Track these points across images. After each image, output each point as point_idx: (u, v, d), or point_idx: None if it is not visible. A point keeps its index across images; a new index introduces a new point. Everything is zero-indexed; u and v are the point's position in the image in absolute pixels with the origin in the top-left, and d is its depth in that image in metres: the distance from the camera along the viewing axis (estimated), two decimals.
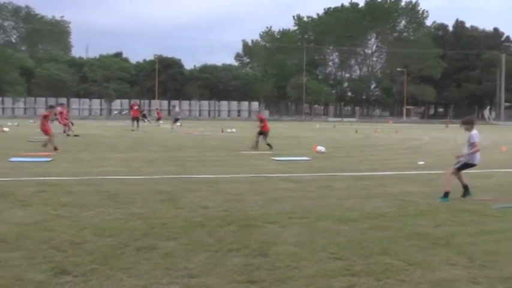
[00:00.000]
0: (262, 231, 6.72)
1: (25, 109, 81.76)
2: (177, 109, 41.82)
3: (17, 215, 7.50)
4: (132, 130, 33.86)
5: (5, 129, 30.69)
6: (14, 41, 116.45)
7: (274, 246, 5.98)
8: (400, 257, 5.69)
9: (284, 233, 6.64)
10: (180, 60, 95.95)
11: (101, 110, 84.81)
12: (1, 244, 5.91)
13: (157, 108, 60.84)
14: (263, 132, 20.15)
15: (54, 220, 7.17)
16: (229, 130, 35.63)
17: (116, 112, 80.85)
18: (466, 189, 9.60)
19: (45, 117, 19.41)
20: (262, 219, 7.43)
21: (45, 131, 18.79)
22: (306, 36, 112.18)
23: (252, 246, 5.95)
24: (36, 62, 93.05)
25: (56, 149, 17.79)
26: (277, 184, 11.08)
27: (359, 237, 6.49)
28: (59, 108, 27.86)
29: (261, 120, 20.16)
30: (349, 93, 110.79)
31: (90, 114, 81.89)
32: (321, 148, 19.15)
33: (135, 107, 37.75)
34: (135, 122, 35.94)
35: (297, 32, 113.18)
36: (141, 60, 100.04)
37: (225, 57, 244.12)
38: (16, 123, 41.70)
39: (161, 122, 45.29)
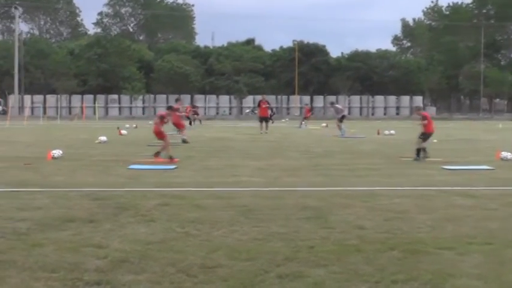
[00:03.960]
0: (434, 259, 6.56)
1: (143, 108, 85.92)
2: (338, 105, 39.98)
3: (139, 231, 7.90)
4: (261, 133, 33.95)
5: (123, 131, 32.52)
6: (131, 30, 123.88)
7: (451, 279, 5.81)
8: None
9: (463, 263, 6.43)
10: (324, 46, 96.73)
11: (230, 108, 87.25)
12: (125, 265, 6.25)
13: (306, 105, 60.73)
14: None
15: (181, 239, 7.47)
16: (387, 132, 35.13)
17: (247, 111, 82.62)
18: None
19: (162, 118, 18.51)
20: (434, 243, 7.25)
21: (159, 135, 18.14)
22: (484, 10, 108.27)
23: (422, 278, 5.82)
24: (155, 53, 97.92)
25: (171, 158, 17.19)
26: (450, 200, 10.77)
27: None
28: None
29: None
30: None
31: (217, 113, 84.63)
32: (506, 154, 18.44)
33: (264, 105, 36.74)
34: (264, 122, 35.67)
35: (472, 6, 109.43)
36: (277, 47, 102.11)
37: (379, 41, 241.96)
38: (134, 125, 44.27)
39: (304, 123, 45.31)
